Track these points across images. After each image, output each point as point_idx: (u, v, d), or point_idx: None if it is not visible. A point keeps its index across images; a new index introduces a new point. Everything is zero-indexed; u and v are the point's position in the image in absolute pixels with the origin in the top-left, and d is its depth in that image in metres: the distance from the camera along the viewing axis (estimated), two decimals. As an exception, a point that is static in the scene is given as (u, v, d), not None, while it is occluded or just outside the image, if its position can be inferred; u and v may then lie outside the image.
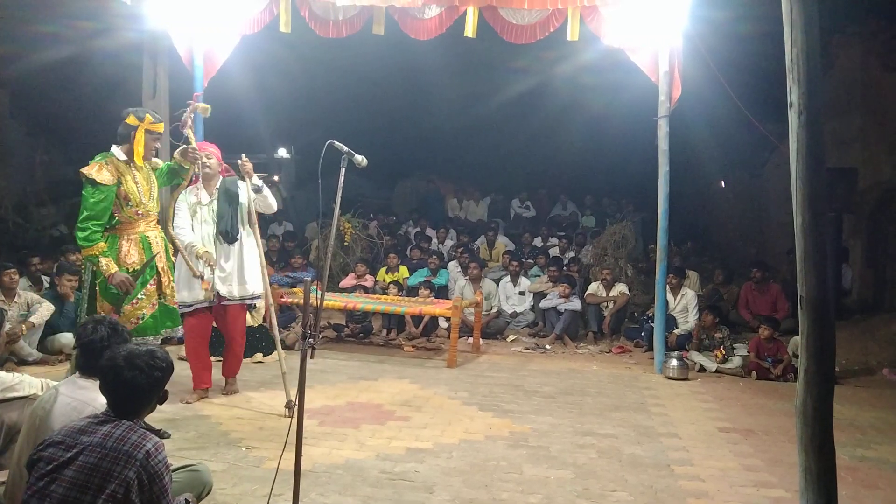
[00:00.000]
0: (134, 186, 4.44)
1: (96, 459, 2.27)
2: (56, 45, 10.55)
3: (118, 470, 2.25)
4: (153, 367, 2.46)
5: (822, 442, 2.49)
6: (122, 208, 4.40)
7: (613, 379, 6.60)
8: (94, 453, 2.28)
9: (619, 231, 10.08)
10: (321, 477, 3.83)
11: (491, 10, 6.76)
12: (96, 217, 4.27)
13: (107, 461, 2.26)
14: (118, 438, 2.31)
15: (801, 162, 2.49)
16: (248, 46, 7.54)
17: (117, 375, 2.42)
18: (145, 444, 2.32)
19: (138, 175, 4.50)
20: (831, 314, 2.51)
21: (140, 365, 2.43)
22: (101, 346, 2.81)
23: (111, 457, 2.27)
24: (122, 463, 2.26)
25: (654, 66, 6.81)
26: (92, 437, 2.31)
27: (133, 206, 4.43)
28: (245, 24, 7.06)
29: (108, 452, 2.28)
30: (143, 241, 4.51)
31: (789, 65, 2.52)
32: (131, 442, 2.31)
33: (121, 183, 4.37)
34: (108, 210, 4.32)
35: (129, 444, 2.30)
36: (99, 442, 2.30)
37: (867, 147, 9.59)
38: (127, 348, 2.51)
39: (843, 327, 8.03)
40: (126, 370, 2.41)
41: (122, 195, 4.39)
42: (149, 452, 2.30)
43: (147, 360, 2.46)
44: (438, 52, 9.02)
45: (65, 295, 6.71)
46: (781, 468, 4.24)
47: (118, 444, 2.30)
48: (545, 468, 4.12)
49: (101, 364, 2.48)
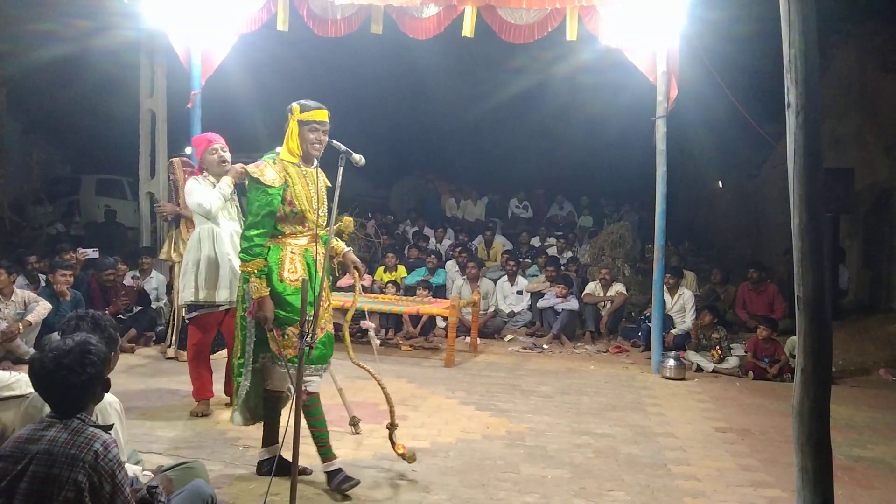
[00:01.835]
0: (301, 191, 3.67)
1: (46, 468, 2.18)
2: (53, 44, 10.53)
3: (67, 474, 2.16)
4: (85, 363, 2.31)
5: (818, 442, 2.49)
6: (286, 216, 3.66)
7: (610, 379, 6.61)
8: (43, 462, 2.18)
9: (616, 231, 10.10)
10: (318, 476, 3.83)
11: (489, 10, 6.76)
12: (258, 225, 3.57)
13: (56, 467, 2.17)
14: (64, 443, 2.22)
15: (798, 162, 2.50)
16: (245, 45, 7.53)
17: (50, 378, 2.28)
18: (93, 445, 2.22)
19: (308, 178, 3.73)
20: (828, 314, 2.52)
21: (69, 364, 2.28)
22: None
23: (60, 462, 2.18)
24: (70, 467, 2.17)
25: (652, 66, 6.81)
26: (39, 446, 2.21)
27: (298, 213, 3.68)
28: (243, 22, 7.05)
29: (56, 458, 2.18)
30: (306, 255, 3.73)
31: (787, 65, 2.52)
32: (78, 444, 2.21)
33: (287, 186, 3.63)
34: (271, 218, 3.60)
35: (76, 447, 2.21)
36: (46, 449, 2.20)
37: (864, 148, 9.62)
38: (54, 346, 2.35)
39: (840, 327, 8.05)
40: (57, 372, 2.27)
41: (288, 200, 3.62)
42: (97, 453, 2.21)
43: (77, 357, 2.31)
44: (436, 51, 9.02)
45: (61, 293, 6.69)
46: (778, 468, 4.24)
47: (65, 449, 2.20)
48: (542, 467, 4.12)
49: (30, 365, 2.34)
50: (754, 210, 13.22)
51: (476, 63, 12.42)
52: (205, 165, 4.94)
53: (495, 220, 13.43)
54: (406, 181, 16.33)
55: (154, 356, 6.70)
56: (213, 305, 4.82)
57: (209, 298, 4.79)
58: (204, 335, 4.93)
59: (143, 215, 9.38)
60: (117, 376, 5.78)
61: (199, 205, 4.75)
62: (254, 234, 3.56)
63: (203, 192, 4.78)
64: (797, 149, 2.50)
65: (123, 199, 14.69)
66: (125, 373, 5.99)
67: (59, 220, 13.15)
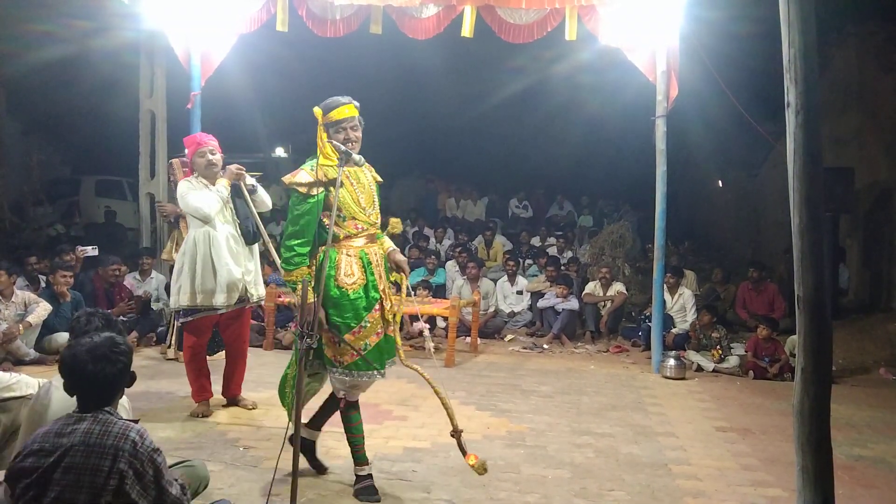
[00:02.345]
0: (346, 193, 3.55)
1: (82, 458, 2.25)
2: (53, 45, 10.53)
3: (108, 464, 2.25)
4: (118, 353, 2.41)
5: (819, 441, 2.49)
6: (337, 221, 3.49)
7: (611, 378, 6.61)
8: (78, 453, 2.26)
9: (616, 230, 10.11)
10: (319, 476, 3.83)
11: (488, 10, 6.76)
12: (298, 234, 3.48)
13: (94, 458, 2.25)
14: (100, 434, 2.29)
15: (798, 161, 2.50)
16: (245, 45, 7.52)
17: (82, 370, 2.36)
18: (129, 435, 2.31)
19: (352, 179, 3.62)
20: (828, 314, 2.52)
21: (102, 355, 2.38)
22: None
23: (97, 453, 2.26)
24: (110, 457, 2.26)
25: (652, 65, 6.81)
26: (72, 438, 2.29)
27: (348, 217, 3.56)
28: (242, 23, 7.05)
29: (93, 449, 2.26)
30: (362, 257, 3.61)
31: (786, 65, 2.52)
32: (115, 434, 2.30)
33: (328, 192, 3.49)
34: (312, 226, 3.48)
35: (113, 437, 2.29)
36: (81, 441, 2.28)
37: (864, 147, 9.62)
38: (84, 341, 2.44)
39: (840, 327, 8.05)
40: (90, 364, 2.36)
41: (334, 205, 3.44)
42: (135, 442, 2.30)
43: (109, 350, 2.41)
44: (436, 51, 9.02)
45: (61, 294, 6.69)
46: (778, 467, 4.24)
47: (101, 440, 2.28)
48: (542, 467, 4.12)
49: (63, 360, 2.42)
50: (754, 209, 13.22)
51: (475, 63, 12.43)
52: (194, 167, 4.89)
53: (495, 220, 13.43)
54: (406, 181, 16.33)
55: (155, 357, 6.70)
56: (211, 310, 4.77)
57: (206, 303, 4.74)
58: (199, 338, 4.90)
59: (143, 216, 9.37)
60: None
61: (197, 209, 4.69)
62: (294, 243, 3.47)
63: (199, 195, 4.72)
64: (797, 148, 2.50)
65: (123, 200, 14.69)
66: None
67: (59, 221, 13.15)
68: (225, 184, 4.82)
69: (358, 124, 3.62)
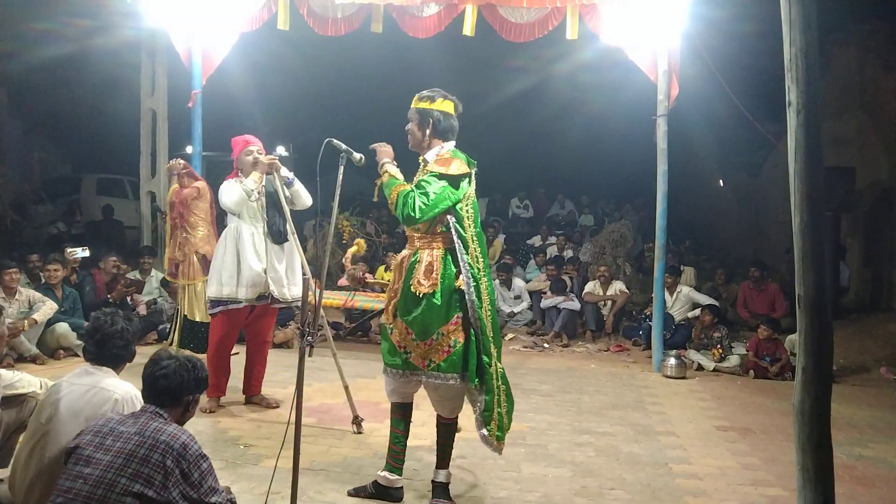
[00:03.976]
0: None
1: (133, 446, 2.40)
2: (54, 43, 10.54)
3: (156, 457, 2.38)
4: (197, 369, 2.70)
5: (819, 440, 2.49)
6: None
7: (611, 377, 6.61)
8: (131, 441, 2.41)
9: (617, 230, 10.10)
10: (319, 475, 3.84)
11: (490, 9, 6.75)
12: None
13: (144, 448, 2.39)
14: (155, 429, 2.45)
15: (799, 161, 2.49)
16: (246, 44, 7.53)
17: (168, 375, 2.61)
18: (181, 436, 2.46)
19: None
20: (829, 313, 2.51)
21: (182, 365, 2.66)
22: (121, 337, 2.94)
23: (149, 445, 2.40)
24: (160, 451, 2.39)
25: (653, 64, 6.81)
26: (129, 428, 2.46)
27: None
28: (243, 21, 7.05)
29: (145, 440, 2.41)
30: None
31: (788, 64, 2.52)
32: (168, 432, 2.45)
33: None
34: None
35: (167, 435, 2.44)
36: (137, 431, 2.44)
37: (865, 146, 9.62)
38: (174, 355, 2.73)
39: (841, 326, 8.05)
40: (178, 371, 2.63)
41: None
42: (185, 443, 2.44)
43: (187, 364, 2.69)
44: (437, 50, 9.01)
45: (53, 286, 6.70)
46: (779, 466, 4.24)
47: (156, 434, 2.43)
48: (543, 466, 4.13)
49: (156, 362, 2.66)
50: (755, 209, 13.22)
51: (476, 62, 12.41)
52: (240, 166, 4.94)
53: (497, 219, 13.42)
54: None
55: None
56: (235, 301, 4.81)
57: (231, 295, 4.79)
58: (227, 332, 4.91)
59: (144, 215, 9.38)
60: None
61: (224, 203, 4.83)
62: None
63: (227, 190, 4.81)
64: (798, 147, 2.49)
65: (124, 199, 14.71)
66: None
67: (60, 220, 13.16)
68: (255, 177, 4.79)
69: (411, 118, 3.56)
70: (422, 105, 3.49)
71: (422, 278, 3.37)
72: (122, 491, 2.32)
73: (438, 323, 3.32)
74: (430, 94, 3.50)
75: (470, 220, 3.41)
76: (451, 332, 3.33)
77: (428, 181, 3.35)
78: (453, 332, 3.33)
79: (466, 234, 3.37)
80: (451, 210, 3.37)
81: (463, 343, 3.33)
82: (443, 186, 3.33)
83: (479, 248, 3.43)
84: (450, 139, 3.50)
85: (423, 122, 3.47)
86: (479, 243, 3.45)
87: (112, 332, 2.91)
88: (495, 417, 3.36)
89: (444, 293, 3.33)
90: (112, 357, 2.94)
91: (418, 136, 3.51)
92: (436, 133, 3.47)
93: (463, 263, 3.33)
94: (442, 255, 3.39)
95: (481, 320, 3.32)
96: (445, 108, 3.49)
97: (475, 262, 3.37)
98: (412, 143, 3.55)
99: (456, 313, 3.34)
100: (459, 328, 3.34)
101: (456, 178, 3.36)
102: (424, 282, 3.36)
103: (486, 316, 3.37)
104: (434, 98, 3.48)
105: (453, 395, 3.43)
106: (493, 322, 3.42)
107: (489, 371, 3.33)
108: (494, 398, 3.35)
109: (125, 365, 3.04)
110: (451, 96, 3.52)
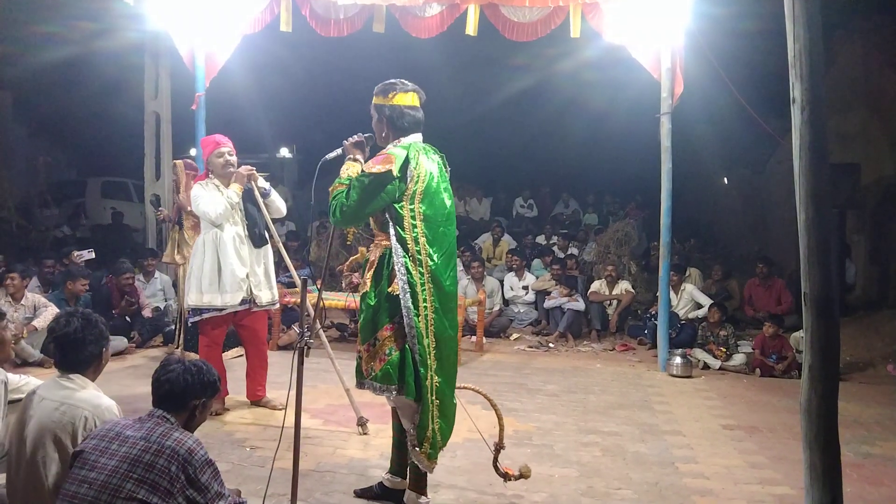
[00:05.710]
0: None
1: (139, 451, 2.38)
2: (58, 47, 10.58)
3: (161, 463, 2.37)
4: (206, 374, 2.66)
5: (826, 439, 2.47)
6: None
7: (617, 377, 6.59)
8: (136, 446, 2.40)
9: (621, 228, 10.09)
10: (325, 476, 3.84)
11: (492, 8, 6.74)
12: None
13: (149, 454, 2.38)
14: (161, 434, 2.44)
15: (804, 158, 2.48)
16: (249, 46, 7.53)
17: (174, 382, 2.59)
18: (187, 442, 2.45)
19: None
20: (835, 311, 2.50)
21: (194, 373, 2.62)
22: (75, 338, 2.72)
23: (154, 450, 2.39)
24: (165, 457, 2.38)
25: (657, 62, 6.79)
26: (135, 432, 2.44)
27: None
28: (246, 23, 7.05)
29: (151, 445, 2.40)
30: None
31: (792, 61, 2.51)
32: (174, 438, 2.44)
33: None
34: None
35: (173, 440, 2.42)
36: (143, 436, 2.43)
37: (870, 143, 9.58)
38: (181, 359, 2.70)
39: (847, 323, 8.01)
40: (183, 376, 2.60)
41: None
42: (191, 449, 2.43)
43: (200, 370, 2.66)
44: (439, 50, 9.02)
45: (73, 297, 6.75)
46: (786, 465, 4.23)
47: (162, 440, 2.42)
48: (549, 466, 4.12)
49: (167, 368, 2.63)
50: (760, 206, 13.18)
51: (479, 61, 12.42)
52: (210, 168, 4.91)
53: (501, 219, 13.41)
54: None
55: (161, 357, 6.70)
56: (217, 309, 4.80)
57: (213, 302, 4.78)
58: (212, 338, 4.90)
59: (149, 217, 9.41)
60: (125, 378, 5.81)
61: (205, 213, 4.74)
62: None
63: (209, 200, 4.74)
64: (803, 144, 2.48)
65: (129, 202, 14.75)
66: (132, 374, 6.01)
67: (65, 223, 13.20)
68: (236, 189, 4.79)
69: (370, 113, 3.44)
70: (376, 100, 3.34)
71: (366, 277, 3.32)
72: (127, 496, 2.32)
73: (373, 327, 3.22)
74: (383, 87, 3.32)
75: (418, 220, 3.19)
76: (386, 340, 3.20)
77: (355, 183, 3.19)
78: (388, 339, 3.19)
79: (406, 234, 3.16)
80: (389, 209, 3.19)
81: (399, 353, 3.18)
82: (369, 188, 3.13)
83: (432, 250, 3.20)
84: (410, 132, 3.31)
85: (379, 117, 3.34)
86: (436, 245, 3.22)
87: (67, 334, 2.71)
88: (429, 436, 3.23)
89: (378, 295, 3.23)
90: (78, 362, 2.74)
91: (378, 132, 3.39)
92: (392, 128, 3.31)
93: (398, 267, 3.15)
94: (382, 255, 3.27)
95: (416, 328, 3.14)
96: (402, 101, 3.29)
97: (416, 265, 3.16)
98: (377, 140, 3.42)
99: (389, 319, 3.20)
100: (394, 336, 3.19)
101: (381, 177, 3.13)
102: (366, 281, 3.31)
103: (427, 325, 3.17)
104: (387, 92, 3.30)
105: (402, 406, 3.29)
106: (439, 331, 3.22)
107: (424, 384, 3.17)
108: (429, 414, 3.21)
109: (99, 366, 2.82)
110: (411, 86, 3.32)
